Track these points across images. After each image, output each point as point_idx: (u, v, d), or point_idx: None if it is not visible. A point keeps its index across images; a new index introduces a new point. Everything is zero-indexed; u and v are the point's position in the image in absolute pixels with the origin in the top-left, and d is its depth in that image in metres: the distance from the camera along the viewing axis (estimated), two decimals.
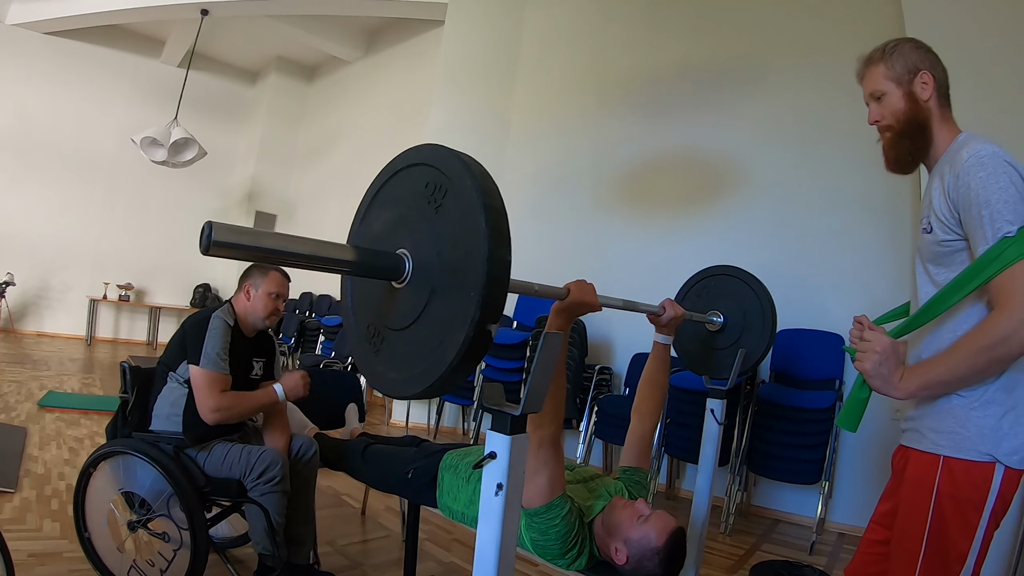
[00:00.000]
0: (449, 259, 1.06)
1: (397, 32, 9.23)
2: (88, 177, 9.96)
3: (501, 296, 1.02)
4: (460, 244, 1.04)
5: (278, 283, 2.73)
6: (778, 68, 4.95)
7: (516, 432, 1.25)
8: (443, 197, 1.09)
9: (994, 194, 1.40)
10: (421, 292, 1.10)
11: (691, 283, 2.70)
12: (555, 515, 1.83)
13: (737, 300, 2.55)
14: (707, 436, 2.46)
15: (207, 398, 2.50)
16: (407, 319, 1.12)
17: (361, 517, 3.77)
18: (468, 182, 1.05)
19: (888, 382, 1.52)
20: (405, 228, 1.16)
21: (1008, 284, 1.38)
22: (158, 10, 8.46)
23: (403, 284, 1.13)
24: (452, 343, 1.01)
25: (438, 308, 1.07)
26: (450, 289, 1.05)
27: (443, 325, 1.04)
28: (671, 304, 2.29)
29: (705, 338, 2.62)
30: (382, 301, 1.20)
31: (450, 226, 1.07)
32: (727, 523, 4.10)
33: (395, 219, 1.20)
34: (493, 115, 6.88)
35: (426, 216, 1.12)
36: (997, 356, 1.40)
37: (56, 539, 2.90)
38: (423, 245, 1.11)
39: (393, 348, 1.17)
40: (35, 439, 4.40)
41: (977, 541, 1.46)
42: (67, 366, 7.59)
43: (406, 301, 1.13)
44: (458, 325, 1.01)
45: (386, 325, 1.19)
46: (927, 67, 1.62)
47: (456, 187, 1.07)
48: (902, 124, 1.64)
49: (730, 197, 5.12)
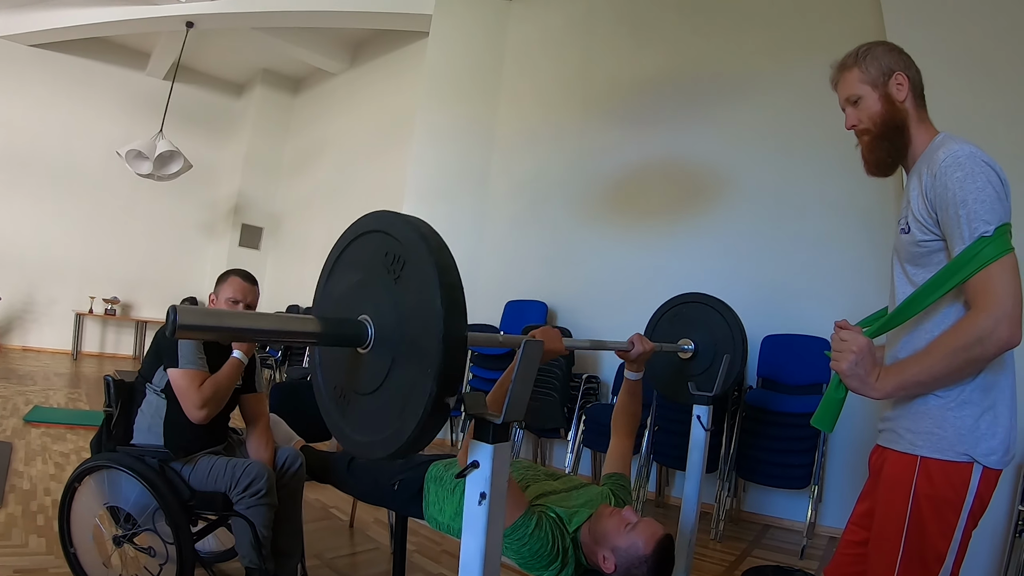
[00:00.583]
0: (408, 331, 1.08)
1: (382, 44, 9.26)
2: (74, 190, 9.90)
3: (458, 370, 1.04)
4: (418, 318, 1.06)
5: (235, 288, 2.66)
6: (760, 76, 4.98)
7: (498, 440, 1.25)
8: (401, 269, 1.11)
9: (971, 194, 1.41)
10: (384, 359, 1.12)
11: (662, 311, 2.71)
12: (523, 533, 1.83)
13: (708, 327, 2.56)
14: (694, 442, 2.46)
15: (191, 396, 2.48)
16: (371, 385, 1.14)
17: (349, 530, 3.75)
18: (425, 257, 1.06)
19: (864, 382, 1.52)
20: (367, 293, 1.18)
21: (984, 284, 1.39)
22: (143, 23, 8.44)
23: (367, 350, 1.15)
24: (411, 415, 1.05)
25: (399, 376, 1.09)
26: (410, 360, 1.07)
27: (404, 395, 1.07)
28: (640, 339, 2.29)
29: (678, 365, 2.63)
30: (348, 364, 1.22)
31: (409, 297, 1.09)
32: (717, 529, 4.09)
33: (358, 283, 1.21)
34: (478, 126, 6.90)
35: (386, 285, 1.14)
36: (974, 356, 1.40)
37: (42, 555, 2.86)
38: (384, 313, 1.13)
39: (358, 411, 1.20)
40: (21, 454, 4.36)
41: (955, 541, 1.47)
42: (53, 381, 7.52)
43: (370, 366, 1.15)
44: (417, 398, 1.03)
45: (352, 389, 1.21)
46: (901, 68, 1.63)
47: (413, 261, 1.09)
48: (879, 127, 1.64)
49: (714, 205, 5.14)
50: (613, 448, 2.44)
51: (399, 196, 6.93)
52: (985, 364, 1.45)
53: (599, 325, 5.57)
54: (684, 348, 2.57)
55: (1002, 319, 1.36)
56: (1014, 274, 1.39)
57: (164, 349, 2.53)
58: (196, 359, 2.51)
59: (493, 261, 6.53)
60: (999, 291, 1.37)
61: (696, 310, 2.62)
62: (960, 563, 1.48)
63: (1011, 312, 1.36)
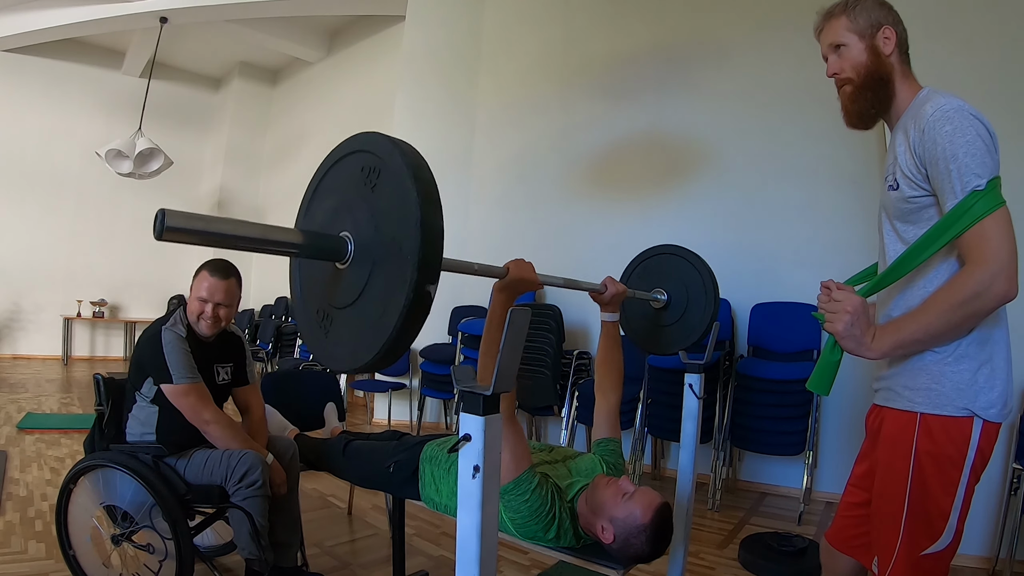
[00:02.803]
0: (386, 231, 1.10)
1: (358, 30, 9.19)
2: (54, 194, 9.82)
3: (437, 258, 1.06)
4: (395, 215, 1.08)
5: (203, 285, 2.60)
6: (739, 44, 4.97)
7: (489, 412, 1.24)
8: (377, 177, 1.13)
9: (961, 148, 1.39)
10: (363, 269, 1.14)
11: (633, 265, 2.70)
12: (524, 489, 1.84)
13: (679, 277, 2.56)
14: (687, 412, 2.46)
15: (200, 412, 2.49)
16: (351, 296, 1.16)
17: (348, 517, 3.76)
18: (399, 158, 1.10)
19: (860, 343, 1.48)
20: (346, 212, 1.20)
21: (979, 239, 1.37)
22: (116, 21, 8.33)
23: (346, 264, 1.17)
24: (394, 307, 1.06)
25: (379, 280, 1.11)
26: (389, 259, 1.09)
27: (385, 293, 1.09)
28: (612, 281, 2.28)
29: (652, 316, 2.63)
30: (328, 284, 1.24)
31: (385, 201, 1.11)
32: (714, 499, 4.12)
33: (336, 206, 1.24)
34: (458, 107, 6.86)
35: (364, 197, 1.16)
36: (971, 311, 1.39)
37: (42, 560, 2.86)
38: (362, 224, 1.15)
39: (341, 326, 1.21)
40: (16, 462, 4.35)
41: (959, 498, 1.46)
42: (45, 387, 7.50)
43: (350, 279, 1.17)
44: (398, 290, 1.05)
45: (333, 305, 1.22)
46: (890, 23, 1.60)
47: (388, 165, 1.12)
48: (863, 77, 1.61)
49: (697, 175, 5.14)
50: (599, 409, 2.40)
51: None
52: (982, 319, 1.43)
53: (587, 299, 5.49)
54: (656, 297, 2.56)
55: (999, 273, 1.34)
56: (1008, 227, 1.37)
57: (148, 364, 2.50)
58: (191, 371, 2.50)
59: (480, 241, 6.51)
60: (994, 245, 1.35)
61: (665, 261, 2.62)
62: (964, 518, 1.47)
63: (1007, 265, 1.35)
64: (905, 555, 1.50)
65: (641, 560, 1.89)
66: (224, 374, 2.74)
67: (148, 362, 2.49)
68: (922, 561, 1.49)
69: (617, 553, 1.88)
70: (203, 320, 2.59)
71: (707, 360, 2.46)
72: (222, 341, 2.76)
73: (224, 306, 2.62)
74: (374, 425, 6.48)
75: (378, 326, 1.09)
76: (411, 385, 6.23)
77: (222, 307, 2.62)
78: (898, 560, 1.50)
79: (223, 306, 2.62)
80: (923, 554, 1.49)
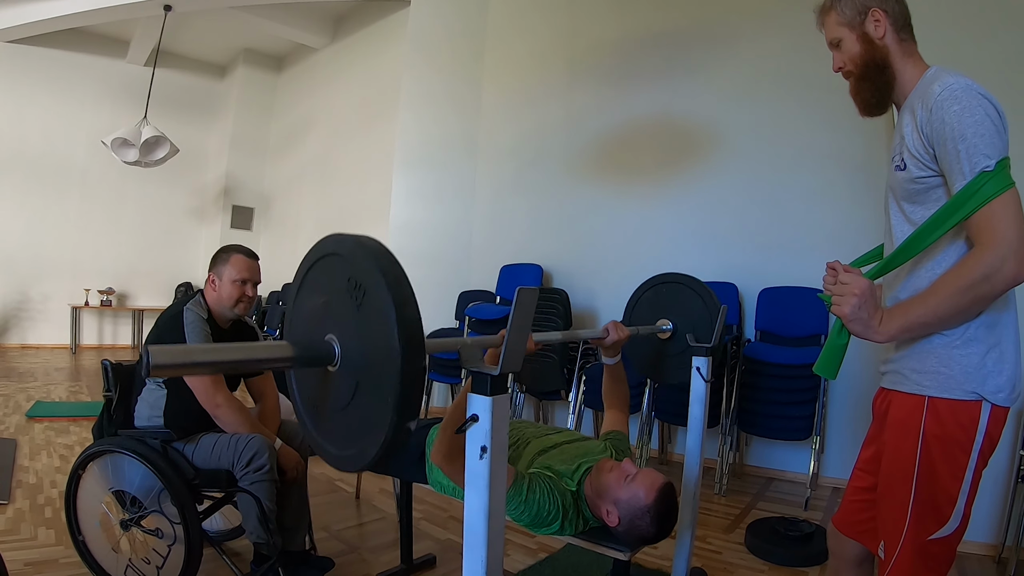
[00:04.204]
0: (370, 355, 1.10)
1: (363, 15, 9.13)
2: (61, 184, 9.81)
3: (416, 398, 1.07)
4: (379, 350, 1.07)
5: (241, 267, 2.63)
6: (747, 29, 4.93)
7: (497, 393, 1.24)
8: (363, 296, 1.12)
9: (970, 128, 1.36)
10: (349, 380, 1.14)
11: (639, 293, 2.69)
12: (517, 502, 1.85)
13: (684, 305, 2.55)
14: (694, 395, 2.45)
15: (213, 395, 2.50)
16: (340, 403, 1.17)
17: (355, 501, 3.78)
18: (384, 290, 1.07)
19: (868, 326, 1.47)
20: (333, 315, 1.19)
21: (988, 220, 1.34)
22: (120, 9, 8.28)
23: (335, 368, 1.17)
24: (375, 440, 1.09)
25: (363, 399, 1.12)
26: (372, 386, 1.10)
27: (368, 417, 1.10)
28: (615, 327, 2.27)
29: (657, 344, 2.63)
30: (319, 381, 1.24)
31: (369, 327, 1.10)
32: (721, 484, 4.13)
33: (324, 304, 1.23)
34: (464, 92, 6.84)
35: (349, 310, 1.15)
36: (981, 294, 1.36)
37: (51, 546, 2.88)
38: (348, 336, 1.15)
39: (331, 426, 1.22)
40: (25, 450, 4.37)
41: (967, 481, 1.45)
42: (53, 376, 7.52)
43: (338, 385, 1.17)
44: (380, 423, 1.07)
45: (324, 404, 1.23)
46: (877, 4, 1.57)
47: (372, 292, 1.09)
48: (860, 68, 1.60)
49: (706, 161, 5.12)
50: (608, 417, 2.47)
51: (388, 167, 6.90)
52: (991, 302, 1.42)
53: (595, 284, 5.59)
54: (662, 328, 2.56)
55: (1008, 255, 1.31)
56: (1018, 209, 1.34)
57: (169, 342, 2.49)
58: None
59: (485, 226, 6.51)
60: (1003, 227, 1.33)
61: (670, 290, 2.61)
62: (971, 503, 1.46)
63: (1017, 248, 1.32)
64: (912, 539, 1.49)
65: (647, 541, 1.90)
66: None
67: (168, 340, 2.48)
68: (929, 546, 1.48)
69: (623, 536, 1.89)
70: (242, 303, 2.64)
71: (714, 343, 2.45)
72: (237, 330, 2.77)
73: (256, 284, 2.69)
74: None
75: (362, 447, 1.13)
76: None
77: (255, 286, 2.68)
78: (905, 544, 1.50)
79: (255, 284, 2.68)
80: (930, 539, 1.48)
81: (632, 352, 2.69)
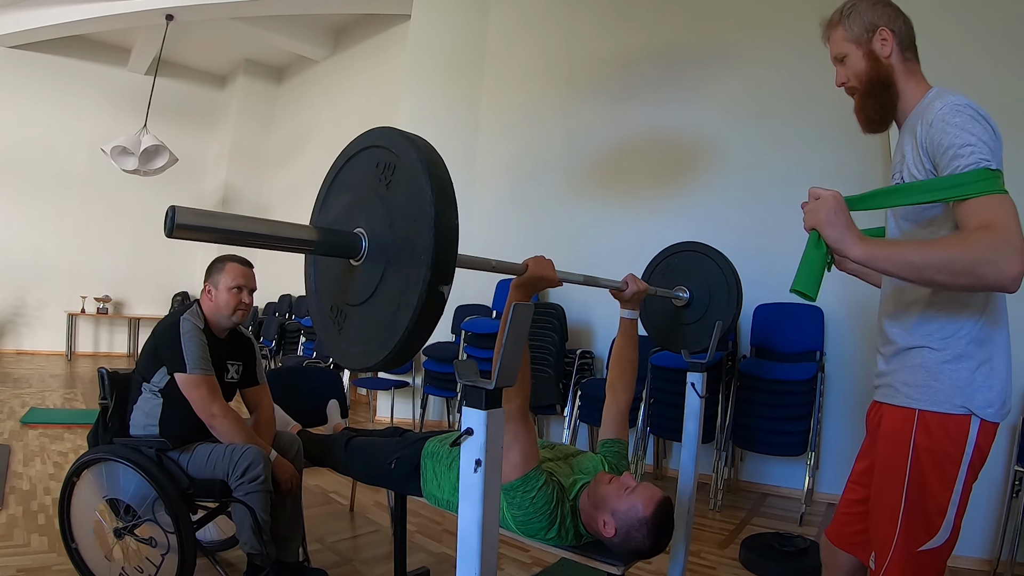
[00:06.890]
0: (400, 229, 1.09)
1: (364, 29, 9.20)
2: (60, 190, 9.85)
3: (451, 258, 1.06)
4: (410, 213, 1.07)
5: (237, 274, 2.64)
6: (745, 44, 4.97)
7: (491, 407, 1.25)
8: (392, 174, 1.12)
9: (972, 136, 1.36)
10: (377, 266, 1.13)
11: (656, 261, 2.69)
12: (532, 487, 1.84)
13: (702, 274, 2.54)
14: (689, 411, 2.46)
15: (209, 405, 2.50)
16: (365, 293, 1.16)
17: (350, 513, 3.77)
18: (414, 155, 1.09)
19: (845, 235, 1.45)
20: (360, 209, 1.19)
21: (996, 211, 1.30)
22: (122, 18, 8.36)
23: (360, 261, 1.17)
24: (407, 307, 1.05)
25: (393, 278, 1.10)
26: (403, 258, 1.08)
27: (398, 292, 1.08)
28: (634, 279, 2.29)
29: (672, 314, 2.62)
30: (342, 281, 1.23)
31: (400, 198, 1.10)
32: (716, 499, 4.12)
33: (351, 201, 1.23)
34: (463, 106, 6.85)
35: (378, 193, 1.15)
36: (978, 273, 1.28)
37: (44, 553, 2.87)
38: (377, 221, 1.15)
39: (354, 323, 1.20)
40: (19, 456, 4.36)
41: (956, 494, 1.46)
42: (48, 382, 7.51)
43: (364, 277, 1.17)
44: (412, 289, 1.05)
45: (346, 302, 1.22)
46: (885, 23, 1.59)
47: (403, 162, 1.11)
48: (864, 84, 1.61)
49: (703, 176, 5.14)
50: (608, 408, 2.40)
51: None
52: (975, 290, 1.40)
53: (591, 299, 5.58)
54: (678, 295, 2.56)
55: (1017, 252, 1.26)
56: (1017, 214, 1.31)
57: (166, 351, 2.51)
58: (205, 364, 2.51)
59: (482, 240, 6.50)
60: (1011, 225, 1.29)
61: (689, 259, 2.61)
62: (962, 515, 1.47)
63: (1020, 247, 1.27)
64: (902, 550, 1.50)
65: (642, 555, 1.90)
66: (233, 372, 2.75)
67: (165, 349, 2.50)
68: (919, 557, 1.49)
69: (618, 547, 1.89)
70: (239, 311, 2.64)
71: (710, 359, 2.46)
72: (234, 340, 2.78)
73: (252, 292, 2.69)
74: (377, 423, 6.49)
75: (391, 325, 1.09)
76: (414, 383, 6.23)
77: (251, 293, 2.69)
78: (895, 555, 1.51)
79: (251, 291, 2.69)
80: (920, 550, 1.49)
81: (647, 321, 2.68)
